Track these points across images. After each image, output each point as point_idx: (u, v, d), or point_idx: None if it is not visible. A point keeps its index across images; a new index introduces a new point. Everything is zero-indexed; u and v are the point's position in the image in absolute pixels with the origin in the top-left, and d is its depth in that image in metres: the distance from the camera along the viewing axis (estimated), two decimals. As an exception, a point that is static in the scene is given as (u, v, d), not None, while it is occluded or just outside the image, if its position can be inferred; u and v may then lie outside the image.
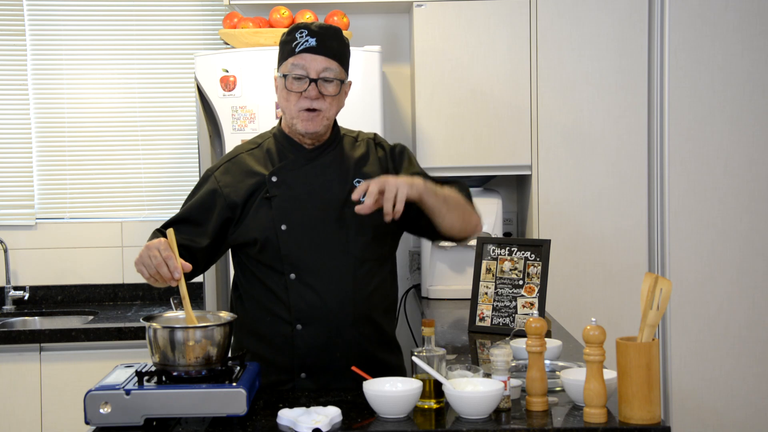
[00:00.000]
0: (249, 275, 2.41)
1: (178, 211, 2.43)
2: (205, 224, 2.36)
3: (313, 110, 2.30)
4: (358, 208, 2.14)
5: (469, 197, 2.38)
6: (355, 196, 2.15)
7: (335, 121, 2.45)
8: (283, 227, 2.32)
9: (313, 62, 2.29)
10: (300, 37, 2.31)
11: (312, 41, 2.30)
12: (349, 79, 2.41)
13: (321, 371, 2.32)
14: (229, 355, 2.09)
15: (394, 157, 2.44)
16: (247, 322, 2.39)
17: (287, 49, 2.34)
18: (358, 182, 2.34)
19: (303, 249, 2.32)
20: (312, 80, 2.29)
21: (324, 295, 2.30)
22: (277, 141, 2.43)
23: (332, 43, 2.32)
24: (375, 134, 2.50)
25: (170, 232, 2.13)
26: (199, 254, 2.34)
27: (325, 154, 2.39)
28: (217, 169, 2.43)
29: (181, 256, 2.24)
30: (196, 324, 2.06)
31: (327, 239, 2.32)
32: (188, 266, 2.11)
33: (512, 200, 4.14)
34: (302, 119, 2.31)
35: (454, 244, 2.49)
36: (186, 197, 2.46)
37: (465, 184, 2.41)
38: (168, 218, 2.41)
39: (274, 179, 2.36)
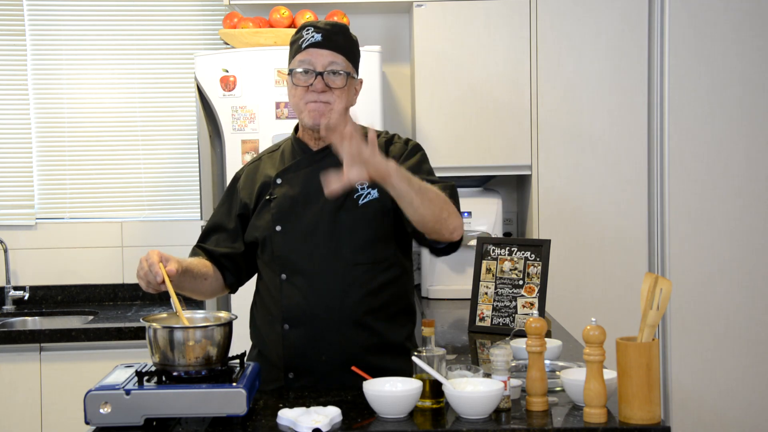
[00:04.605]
0: (259, 274, 2.47)
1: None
2: (236, 229, 2.44)
3: (320, 103, 2.30)
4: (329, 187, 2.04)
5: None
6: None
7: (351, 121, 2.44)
8: (278, 228, 2.35)
9: (319, 56, 2.30)
10: (306, 34, 2.33)
11: (318, 36, 2.31)
12: (360, 77, 2.42)
13: (307, 372, 2.33)
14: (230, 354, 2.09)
15: (403, 151, 2.41)
16: (256, 318, 2.47)
17: (294, 47, 2.36)
18: (361, 185, 2.34)
19: (294, 250, 2.33)
20: (318, 73, 2.29)
21: (310, 297, 2.31)
22: (291, 144, 2.45)
23: (338, 38, 2.33)
24: (395, 135, 2.47)
25: (156, 252, 2.18)
26: (240, 259, 2.43)
27: (330, 156, 2.38)
28: (243, 173, 2.50)
29: (225, 264, 2.41)
30: (188, 325, 2.06)
31: (319, 241, 2.32)
32: (172, 271, 2.14)
33: (512, 200, 4.14)
34: (309, 111, 2.32)
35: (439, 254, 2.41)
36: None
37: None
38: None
39: (278, 181, 2.39)
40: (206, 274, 2.36)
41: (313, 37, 2.31)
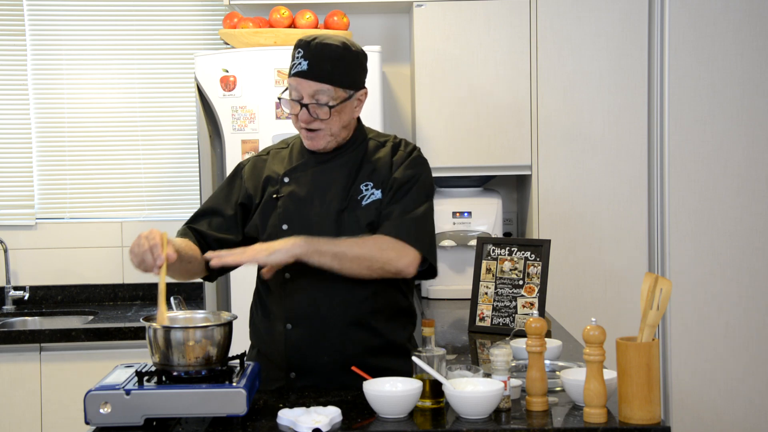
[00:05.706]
0: (259, 272, 2.45)
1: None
2: (235, 217, 2.42)
3: (312, 130, 2.32)
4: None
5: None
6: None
7: (360, 124, 2.44)
8: (285, 227, 2.34)
9: (305, 87, 2.28)
10: (297, 57, 2.30)
11: (304, 64, 2.28)
12: (364, 89, 2.38)
13: (309, 372, 2.33)
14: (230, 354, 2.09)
15: (405, 157, 2.40)
16: (256, 318, 2.45)
17: (290, 64, 2.34)
18: (366, 186, 2.34)
19: None
20: (303, 105, 2.29)
21: (313, 297, 2.31)
22: (300, 143, 2.45)
23: (325, 66, 2.28)
24: (402, 140, 2.47)
25: (165, 234, 2.15)
26: (232, 248, 2.37)
27: (337, 158, 2.39)
28: (247, 163, 2.49)
29: (214, 248, 2.32)
30: (167, 323, 2.03)
31: None
32: (173, 257, 2.11)
33: (512, 200, 4.14)
34: (305, 137, 2.35)
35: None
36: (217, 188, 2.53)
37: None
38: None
39: (285, 180, 2.39)
40: (192, 258, 2.31)
41: (299, 64, 2.29)
